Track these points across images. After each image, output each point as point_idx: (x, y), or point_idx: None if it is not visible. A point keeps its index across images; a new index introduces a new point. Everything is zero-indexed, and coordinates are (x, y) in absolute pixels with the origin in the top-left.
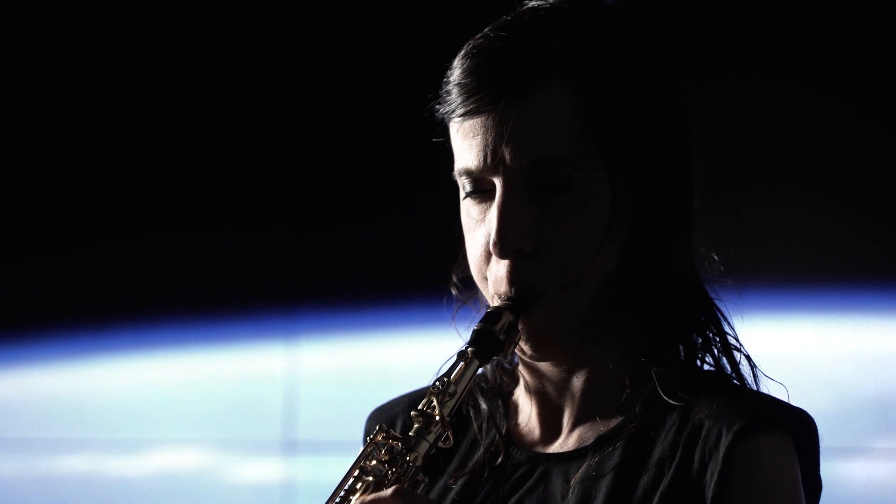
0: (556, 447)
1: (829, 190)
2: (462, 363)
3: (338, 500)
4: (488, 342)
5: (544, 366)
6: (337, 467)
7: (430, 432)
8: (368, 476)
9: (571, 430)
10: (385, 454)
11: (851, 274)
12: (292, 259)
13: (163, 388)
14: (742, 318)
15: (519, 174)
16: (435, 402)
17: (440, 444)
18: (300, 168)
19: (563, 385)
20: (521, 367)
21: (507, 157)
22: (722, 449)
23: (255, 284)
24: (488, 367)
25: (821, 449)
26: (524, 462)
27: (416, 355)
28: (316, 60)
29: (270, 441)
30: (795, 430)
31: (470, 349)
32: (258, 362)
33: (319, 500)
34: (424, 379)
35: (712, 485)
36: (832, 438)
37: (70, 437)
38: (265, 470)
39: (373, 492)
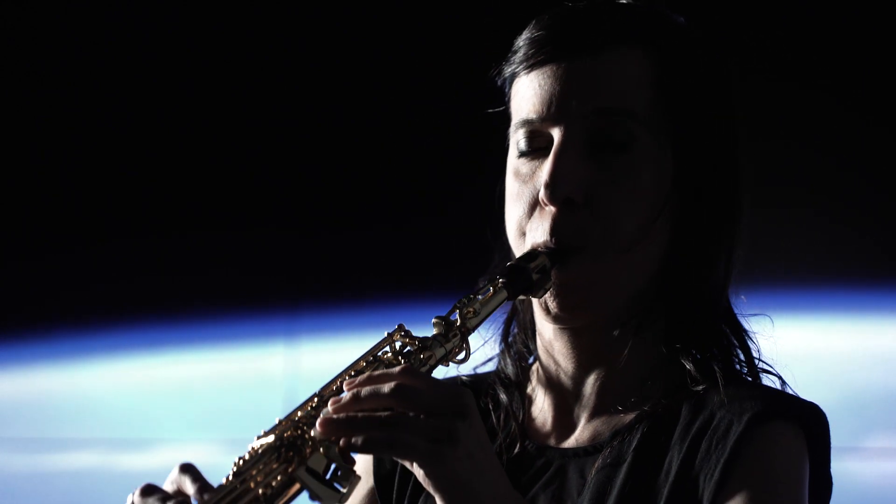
0: (571, 442)
1: (837, 193)
2: (491, 289)
3: (346, 377)
4: (520, 277)
5: (563, 361)
6: None
7: (448, 340)
8: (379, 363)
9: (586, 424)
10: (399, 349)
11: (855, 274)
12: (293, 260)
13: (165, 387)
14: (771, 319)
15: (580, 124)
16: (458, 315)
17: (454, 360)
18: (301, 170)
19: (580, 381)
20: (539, 362)
21: (572, 105)
22: (731, 438)
23: (256, 285)
24: (509, 361)
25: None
26: (539, 456)
27: None
28: (317, 63)
29: None
30: (807, 422)
31: (501, 279)
32: (259, 362)
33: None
34: None
35: (717, 471)
36: (836, 437)
37: (77, 437)
38: None
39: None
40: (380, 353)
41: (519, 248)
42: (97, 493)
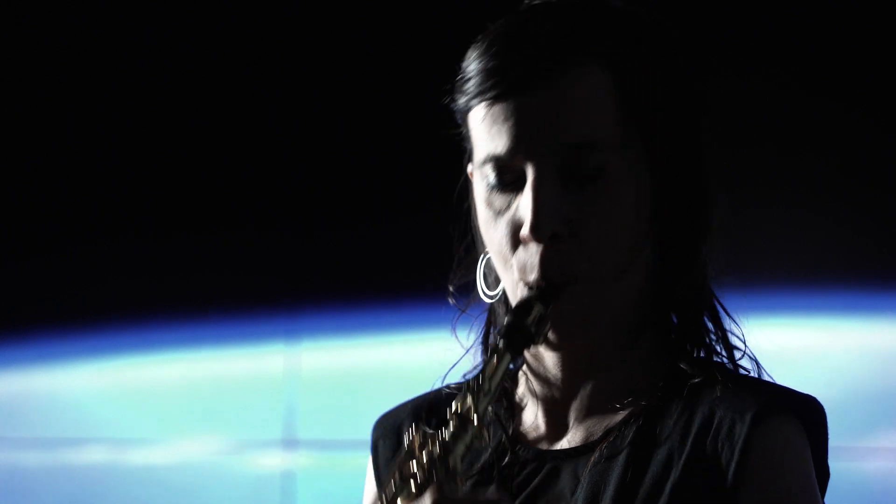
0: (563, 444)
1: (837, 192)
2: (494, 358)
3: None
4: (520, 336)
5: (552, 368)
6: (337, 466)
7: (466, 433)
8: (408, 482)
9: (579, 425)
10: (425, 459)
11: (855, 274)
12: (293, 260)
13: (165, 387)
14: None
15: (553, 158)
16: (470, 402)
17: (474, 444)
18: (301, 169)
19: (571, 386)
20: (526, 369)
21: (542, 140)
22: (738, 440)
23: (256, 285)
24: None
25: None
26: (531, 460)
27: (416, 356)
28: (317, 63)
29: (272, 440)
30: (804, 415)
31: (501, 343)
32: (259, 362)
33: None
34: (424, 380)
35: (730, 473)
36: (839, 437)
37: (76, 437)
38: (266, 472)
39: (414, 499)
40: (405, 468)
41: (506, 273)
42: (97, 493)
